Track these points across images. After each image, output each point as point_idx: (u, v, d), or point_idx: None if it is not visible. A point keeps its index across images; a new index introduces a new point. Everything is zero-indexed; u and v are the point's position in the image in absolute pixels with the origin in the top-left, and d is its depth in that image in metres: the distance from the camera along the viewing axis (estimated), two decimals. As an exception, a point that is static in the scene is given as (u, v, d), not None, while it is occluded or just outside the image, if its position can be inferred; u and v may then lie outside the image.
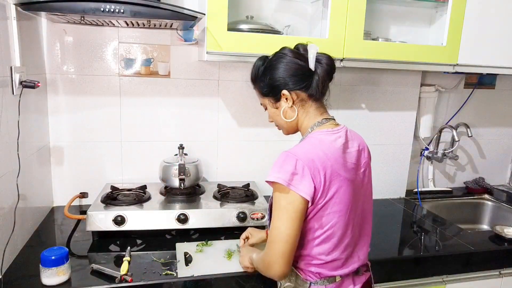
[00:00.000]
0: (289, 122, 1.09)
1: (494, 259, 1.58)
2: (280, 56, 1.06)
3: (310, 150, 0.97)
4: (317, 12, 1.75)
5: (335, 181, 0.97)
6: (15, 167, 1.28)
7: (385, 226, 1.78)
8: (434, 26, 1.89)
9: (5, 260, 1.20)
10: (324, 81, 1.05)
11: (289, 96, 1.05)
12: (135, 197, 1.59)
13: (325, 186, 0.95)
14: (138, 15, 1.30)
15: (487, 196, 2.24)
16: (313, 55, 1.03)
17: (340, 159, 0.99)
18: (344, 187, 0.99)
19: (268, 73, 1.07)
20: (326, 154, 0.97)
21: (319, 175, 0.95)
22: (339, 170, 0.98)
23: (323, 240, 1.01)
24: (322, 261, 1.02)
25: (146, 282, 1.20)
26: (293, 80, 1.04)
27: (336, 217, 0.99)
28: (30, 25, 1.47)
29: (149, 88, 1.77)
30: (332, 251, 1.02)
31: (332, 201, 0.98)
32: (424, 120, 2.11)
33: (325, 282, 1.03)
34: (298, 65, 1.03)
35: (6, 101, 1.22)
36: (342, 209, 0.99)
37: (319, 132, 1.04)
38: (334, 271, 1.04)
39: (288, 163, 0.95)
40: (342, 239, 1.02)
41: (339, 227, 1.00)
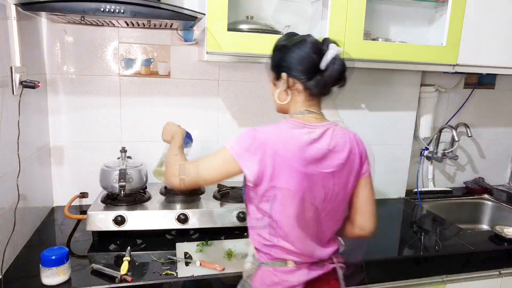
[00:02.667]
0: (280, 103, 1.11)
1: (494, 259, 1.58)
2: (301, 42, 1.06)
3: (271, 135, 1.01)
4: (317, 12, 1.75)
5: (284, 170, 0.99)
6: (15, 167, 1.28)
7: (385, 226, 1.78)
8: (434, 26, 1.89)
9: (5, 260, 1.20)
10: (326, 83, 1.05)
11: (286, 79, 1.07)
12: (135, 197, 1.59)
13: (271, 172, 0.99)
14: (138, 15, 1.30)
15: (487, 196, 2.24)
16: (330, 56, 1.03)
17: (298, 151, 1.00)
18: (295, 178, 1.00)
19: (282, 51, 1.09)
20: (284, 143, 0.99)
21: (267, 160, 0.98)
22: (292, 161, 0.99)
23: (270, 223, 1.05)
24: (270, 243, 1.06)
25: (146, 282, 1.20)
26: (297, 69, 1.05)
27: (280, 205, 1.02)
28: (30, 25, 1.47)
29: (149, 88, 1.77)
30: (280, 237, 1.05)
31: (277, 188, 1.00)
32: (424, 120, 2.11)
33: (276, 264, 1.06)
34: (311, 58, 1.04)
35: (6, 101, 1.22)
36: (287, 198, 1.01)
37: (293, 120, 1.06)
38: (284, 255, 1.06)
39: (246, 139, 1.01)
40: (289, 229, 1.03)
41: (284, 216, 1.02)
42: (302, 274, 1.06)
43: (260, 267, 1.09)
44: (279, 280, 1.04)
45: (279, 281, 1.04)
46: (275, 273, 1.05)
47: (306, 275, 1.05)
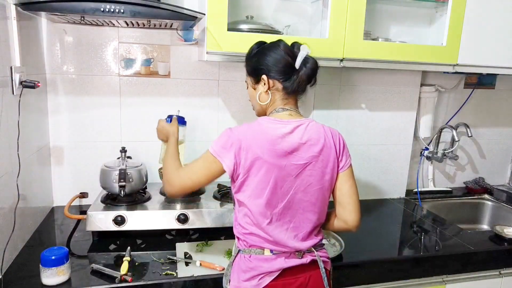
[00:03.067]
0: (262, 105, 1.19)
1: (494, 259, 1.58)
2: (274, 46, 1.16)
3: (244, 131, 1.10)
4: (317, 12, 1.75)
5: (256, 162, 1.07)
6: (15, 167, 1.28)
7: (385, 226, 1.78)
8: (434, 26, 1.89)
9: (5, 260, 1.20)
10: (302, 81, 1.14)
11: (267, 81, 1.15)
12: (135, 197, 1.59)
13: (243, 161, 1.07)
14: (138, 15, 1.30)
15: (487, 196, 2.24)
16: (301, 56, 1.12)
17: (269, 144, 1.07)
18: (264, 169, 1.07)
19: (257, 57, 1.18)
20: (255, 136, 1.08)
21: (241, 153, 1.07)
22: (263, 154, 1.06)
23: (245, 213, 1.12)
24: (247, 231, 1.13)
25: (146, 282, 1.20)
26: (275, 70, 1.13)
27: (252, 194, 1.09)
28: (30, 25, 1.47)
29: (149, 88, 1.77)
30: (253, 225, 1.11)
31: (249, 179, 1.08)
32: (424, 120, 2.11)
33: (251, 252, 1.12)
34: (285, 59, 1.13)
35: (6, 101, 1.22)
36: (258, 188, 1.08)
37: (266, 118, 1.15)
38: (261, 244, 1.11)
39: (222, 138, 1.10)
40: (262, 218, 1.09)
41: (256, 206, 1.09)
42: (278, 262, 1.10)
43: (238, 254, 1.15)
44: (254, 266, 1.09)
45: (254, 267, 1.09)
46: (250, 259, 1.11)
47: (282, 264, 1.10)
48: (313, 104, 1.90)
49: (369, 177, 2.06)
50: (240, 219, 1.15)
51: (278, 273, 1.09)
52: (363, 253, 1.46)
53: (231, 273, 1.15)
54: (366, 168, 2.05)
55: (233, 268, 1.15)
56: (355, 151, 2.01)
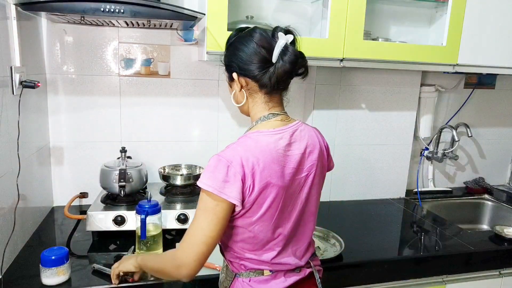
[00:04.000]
0: (237, 105, 1.07)
1: (494, 259, 1.58)
2: (247, 37, 0.99)
3: (242, 153, 0.92)
4: (317, 12, 1.75)
5: (264, 187, 0.94)
6: (15, 167, 1.28)
7: (385, 226, 1.78)
8: (434, 26, 1.89)
9: (5, 260, 1.20)
10: (280, 77, 0.97)
11: (237, 80, 1.01)
12: (135, 197, 1.59)
13: (253, 191, 0.93)
14: (138, 15, 1.30)
15: (487, 196, 2.24)
16: (279, 47, 0.95)
17: (274, 164, 0.94)
18: (273, 195, 0.95)
19: (230, 50, 1.03)
20: (258, 159, 0.92)
21: (249, 181, 0.92)
22: (270, 177, 0.94)
23: (245, 239, 1.00)
24: (244, 256, 1.02)
25: (146, 282, 1.20)
26: (247, 67, 0.97)
27: (260, 222, 0.97)
28: (30, 25, 1.47)
29: (149, 88, 1.77)
30: (255, 251, 1.01)
31: (258, 206, 0.95)
32: (424, 120, 2.11)
33: (251, 274, 1.02)
34: (259, 54, 0.96)
35: (6, 101, 1.22)
36: (266, 215, 0.97)
37: (258, 132, 0.98)
38: (260, 266, 1.02)
39: (220, 169, 0.91)
40: (266, 241, 1.00)
41: (261, 232, 0.98)
42: (278, 282, 1.02)
43: (235, 278, 1.04)
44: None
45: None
46: (250, 283, 1.02)
47: (283, 283, 1.02)
48: (313, 104, 1.90)
49: (369, 177, 2.06)
50: (233, 244, 1.02)
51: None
52: (363, 253, 1.46)
53: None
54: (366, 168, 2.05)
55: None
56: (355, 151, 2.01)
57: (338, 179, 2.01)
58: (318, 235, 1.58)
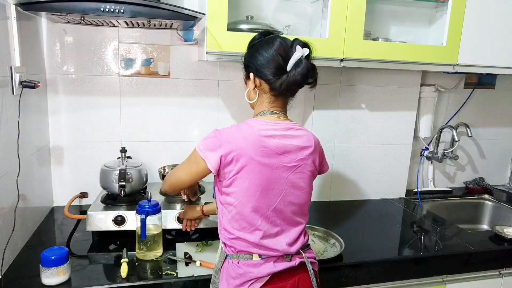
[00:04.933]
0: (249, 102, 1.18)
1: (494, 259, 1.58)
2: (268, 44, 1.10)
3: (233, 133, 1.07)
4: (317, 12, 1.75)
5: (245, 162, 1.04)
6: (15, 167, 1.28)
7: (385, 226, 1.78)
8: (434, 26, 1.89)
9: (5, 260, 1.20)
10: (290, 85, 1.08)
11: (253, 80, 1.12)
12: (135, 197, 1.59)
13: (232, 164, 1.04)
14: (138, 15, 1.30)
15: (487, 196, 2.24)
16: (294, 59, 1.06)
17: (259, 144, 1.05)
18: (255, 174, 1.05)
19: (250, 52, 1.14)
20: (246, 138, 1.05)
21: (229, 154, 1.04)
22: (253, 154, 1.04)
23: (232, 216, 1.08)
24: (233, 236, 1.09)
25: (146, 282, 1.20)
26: (264, 70, 1.09)
27: (242, 197, 1.06)
28: (30, 25, 1.47)
29: (149, 88, 1.77)
30: (241, 229, 1.08)
31: (238, 179, 1.05)
32: (424, 120, 2.11)
33: (239, 257, 1.08)
34: (276, 62, 1.07)
35: (6, 101, 1.22)
36: (249, 190, 1.05)
37: (255, 120, 1.12)
38: (249, 248, 1.08)
39: (210, 139, 1.08)
40: (251, 221, 1.07)
41: (246, 208, 1.06)
42: (267, 267, 1.07)
43: (226, 259, 1.11)
44: (243, 272, 1.07)
45: (243, 273, 1.07)
46: (239, 265, 1.08)
47: (272, 268, 1.07)
48: (313, 104, 1.90)
49: (369, 177, 2.06)
50: (225, 223, 1.11)
51: (267, 278, 1.06)
52: (363, 253, 1.46)
53: (219, 280, 1.12)
54: (366, 168, 2.05)
55: (221, 274, 1.12)
56: (355, 151, 2.01)
57: (338, 179, 2.01)
58: (318, 235, 1.58)
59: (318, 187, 1.99)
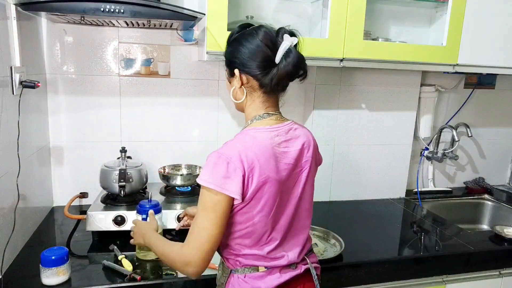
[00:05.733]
0: (236, 102, 1.07)
1: (494, 259, 1.58)
2: (252, 35, 0.99)
3: (241, 149, 0.94)
4: (317, 12, 1.75)
5: (263, 182, 0.95)
6: (15, 167, 1.28)
7: (385, 226, 1.78)
8: (434, 26, 1.89)
9: (5, 260, 1.20)
10: (281, 79, 0.99)
11: (239, 77, 1.01)
12: (135, 197, 1.59)
13: (252, 185, 0.94)
14: (138, 15, 1.30)
15: (487, 196, 2.24)
16: (283, 49, 0.96)
17: (272, 160, 0.96)
18: (271, 189, 0.97)
19: (233, 45, 1.03)
20: (257, 154, 0.95)
21: (249, 176, 0.94)
22: (269, 172, 0.95)
23: (242, 235, 1.01)
24: (240, 253, 1.02)
25: (146, 282, 1.20)
26: (250, 64, 0.98)
27: (258, 217, 0.98)
28: (30, 25, 1.47)
29: (149, 88, 1.77)
30: (251, 247, 1.01)
31: (257, 201, 0.97)
32: (424, 120, 2.11)
33: (246, 271, 1.02)
34: (263, 52, 0.97)
35: (6, 101, 1.22)
36: (265, 209, 0.98)
37: (255, 129, 1.01)
38: (255, 261, 1.02)
39: (220, 166, 0.92)
40: (262, 237, 1.01)
41: (260, 226, 0.99)
42: (273, 278, 1.02)
43: (231, 274, 1.05)
44: (250, 286, 1.01)
45: (251, 287, 1.02)
46: (245, 279, 1.02)
47: (278, 279, 1.02)
48: (313, 104, 1.90)
49: (369, 177, 2.06)
50: (231, 241, 1.03)
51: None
52: (363, 253, 1.46)
53: None
54: (366, 168, 2.05)
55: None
56: (355, 151, 2.01)
57: (338, 179, 2.01)
58: (318, 235, 1.58)
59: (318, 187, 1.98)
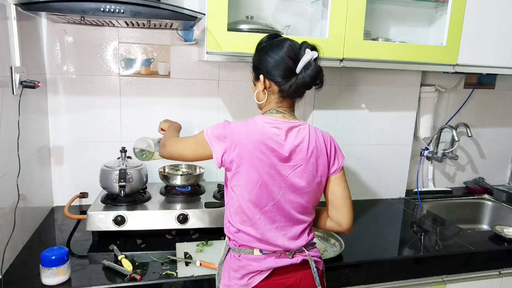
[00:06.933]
0: (258, 103, 1.20)
1: (494, 259, 1.58)
2: (277, 46, 1.12)
3: (239, 126, 1.10)
4: (317, 12, 1.75)
5: (245, 156, 1.07)
6: (15, 167, 1.28)
7: (385, 226, 1.78)
8: (434, 26, 1.89)
9: (5, 260, 1.20)
10: (299, 87, 1.11)
11: (263, 81, 1.14)
12: (135, 197, 1.59)
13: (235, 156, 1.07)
14: (138, 15, 1.30)
15: (487, 196, 2.24)
16: (303, 62, 1.08)
17: (261, 142, 1.07)
18: (252, 169, 1.07)
19: (260, 54, 1.16)
20: (249, 133, 1.08)
21: (233, 147, 1.08)
22: (252, 149, 1.07)
23: (235, 210, 1.12)
24: (235, 229, 1.12)
25: (146, 282, 1.20)
26: (273, 72, 1.11)
27: (241, 190, 1.09)
28: (30, 25, 1.47)
29: (149, 88, 1.77)
30: (242, 223, 1.11)
31: (239, 173, 1.08)
32: (424, 120, 2.11)
33: (241, 251, 1.11)
34: (285, 63, 1.09)
35: (6, 101, 1.22)
36: (247, 184, 1.08)
37: (262, 117, 1.14)
38: (250, 243, 1.10)
39: (219, 128, 1.11)
40: (251, 215, 1.09)
41: (246, 202, 1.09)
42: (268, 261, 1.09)
43: (228, 252, 1.15)
44: (243, 264, 1.09)
45: (244, 265, 1.09)
46: (240, 258, 1.10)
47: (272, 263, 1.09)
48: (313, 104, 1.90)
49: (369, 177, 2.06)
50: (229, 216, 1.14)
51: (268, 273, 1.08)
52: (363, 253, 1.46)
53: (222, 272, 1.15)
54: (366, 168, 2.05)
55: (224, 267, 1.15)
56: (355, 151, 2.01)
57: (338, 179, 2.01)
58: (318, 235, 1.58)
59: (318, 187, 1.99)
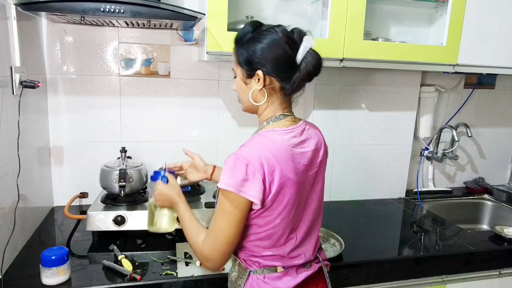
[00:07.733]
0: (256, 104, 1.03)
1: (494, 259, 1.58)
2: (271, 32, 0.96)
3: (260, 152, 0.93)
4: (317, 12, 1.75)
5: (283, 184, 0.95)
6: (15, 167, 1.28)
7: (385, 226, 1.78)
8: (434, 26, 1.89)
9: (5, 260, 1.20)
10: (302, 80, 0.98)
11: (262, 78, 0.98)
12: (135, 197, 1.59)
13: (272, 189, 0.94)
14: (138, 15, 1.30)
15: (487, 196, 2.24)
16: (304, 49, 0.95)
17: (290, 161, 0.96)
18: (291, 191, 0.97)
19: (251, 44, 0.98)
20: (276, 156, 0.94)
21: (269, 178, 0.93)
22: (288, 173, 0.95)
23: (261, 237, 1.00)
24: (260, 254, 1.03)
25: (146, 282, 1.20)
26: (273, 65, 0.96)
27: (278, 219, 0.98)
28: (30, 25, 1.47)
29: (149, 88, 1.77)
30: (270, 248, 1.02)
31: (277, 204, 0.96)
32: (424, 120, 2.11)
33: (265, 271, 1.03)
34: (284, 51, 0.95)
35: (6, 101, 1.22)
36: (284, 212, 0.98)
37: (272, 131, 0.99)
38: (274, 262, 1.03)
39: (238, 168, 0.91)
40: (280, 238, 1.01)
41: (279, 228, 0.99)
42: (290, 278, 1.04)
43: (250, 275, 1.04)
44: (270, 287, 1.02)
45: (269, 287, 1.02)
46: (265, 280, 1.02)
47: (294, 279, 1.04)
48: (313, 104, 1.90)
49: (369, 177, 2.06)
50: (248, 243, 1.02)
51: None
52: (363, 253, 1.46)
53: None
54: (366, 168, 2.05)
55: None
56: (355, 151, 2.01)
57: (338, 179, 2.01)
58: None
59: (318, 187, 1.99)
